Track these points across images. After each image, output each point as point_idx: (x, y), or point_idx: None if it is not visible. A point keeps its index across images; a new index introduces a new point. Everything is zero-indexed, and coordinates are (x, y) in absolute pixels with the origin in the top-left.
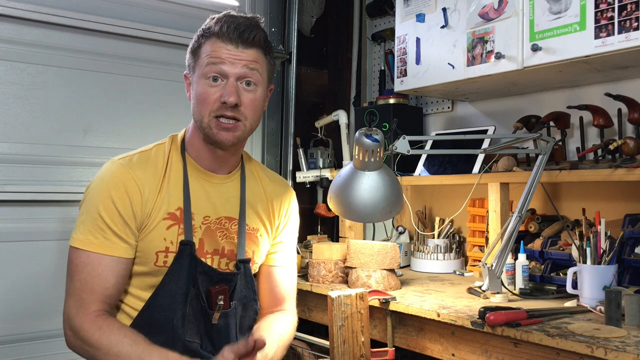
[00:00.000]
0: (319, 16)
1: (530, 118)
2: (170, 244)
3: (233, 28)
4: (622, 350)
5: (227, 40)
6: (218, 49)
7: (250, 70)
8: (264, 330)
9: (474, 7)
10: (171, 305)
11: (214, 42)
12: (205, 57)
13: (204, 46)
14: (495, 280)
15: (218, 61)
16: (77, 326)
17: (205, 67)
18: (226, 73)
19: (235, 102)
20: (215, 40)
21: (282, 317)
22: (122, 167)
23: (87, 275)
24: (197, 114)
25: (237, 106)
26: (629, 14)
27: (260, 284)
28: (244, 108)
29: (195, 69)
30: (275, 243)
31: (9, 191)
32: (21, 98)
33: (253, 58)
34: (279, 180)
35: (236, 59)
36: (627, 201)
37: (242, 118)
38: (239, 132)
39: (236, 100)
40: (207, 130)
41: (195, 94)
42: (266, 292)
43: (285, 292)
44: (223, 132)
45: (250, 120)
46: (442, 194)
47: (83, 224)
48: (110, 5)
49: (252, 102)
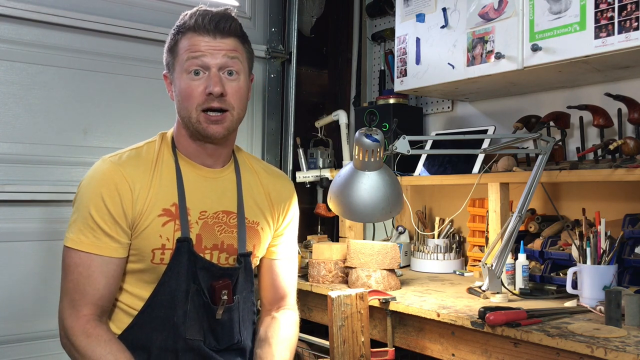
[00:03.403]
0: (319, 16)
1: (530, 118)
2: (166, 241)
3: (208, 20)
4: (622, 350)
5: (204, 33)
6: (196, 43)
7: (230, 59)
8: (275, 337)
9: (474, 7)
10: (172, 303)
11: (191, 37)
12: (184, 52)
13: (181, 42)
14: (495, 280)
15: (198, 54)
16: (67, 328)
17: (186, 62)
18: (207, 64)
19: (221, 92)
20: (191, 34)
21: (287, 318)
22: (112, 165)
23: (78, 276)
24: (184, 110)
25: (222, 96)
26: (629, 14)
27: (261, 277)
28: (230, 97)
29: (175, 66)
30: (277, 236)
31: (9, 191)
32: (21, 98)
33: (232, 47)
34: (276, 171)
35: (215, 50)
36: (627, 201)
37: (229, 108)
38: (228, 123)
39: (222, 89)
40: (197, 125)
41: (179, 90)
42: (268, 286)
43: (287, 287)
44: (213, 125)
45: (237, 110)
46: (442, 194)
47: (75, 223)
48: (110, 5)
49: (237, 91)
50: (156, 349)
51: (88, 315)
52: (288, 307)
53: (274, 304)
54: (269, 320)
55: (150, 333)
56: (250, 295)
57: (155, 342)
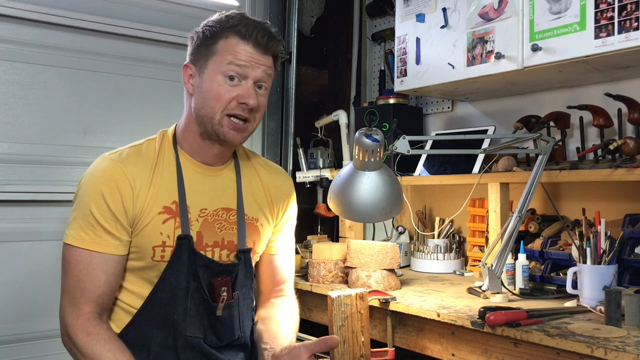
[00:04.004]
0: (319, 16)
1: (530, 118)
2: (167, 238)
3: (261, 34)
4: (622, 350)
5: (252, 43)
6: (241, 51)
7: (267, 75)
8: (277, 316)
9: (474, 7)
10: (172, 300)
11: (237, 42)
12: (226, 54)
13: (224, 42)
14: (495, 280)
15: (241, 63)
16: (68, 326)
17: (226, 65)
18: (247, 75)
19: (256, 105)
20: (238, 39)
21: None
22: (112, 162)
23: (79, 273)
24: (208, 109)
25: (252, 109)
26: (629, 14)
27: (261, 271)
28: (256, 111)
29: (208, 64)
30: (276, 231)
31: (9, 191)
32: (21, 98)
33: (270, 64)
34: (275, 167)
35: (258, 63)
36: (627, 201)
37: (252, 120)
38: (246, 133)
39: (257, 102)
40: (217, 127)
41: (208, 88)
42: (267, 278)
43: (285, 276)
44: (233, 132)
45: (257, 123)
46: (442, 194)
47: (75, 220)
48: (110, 5)
49: (263, 106)
50: (156, 347)
51: (88, 313)
52: (287, 295)
53: (272, 292)
54: (269, 305)
55: (150, 331)
56: (250, 291)
57: (156, 339)
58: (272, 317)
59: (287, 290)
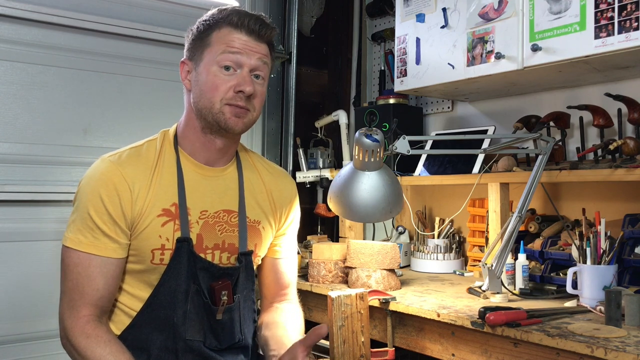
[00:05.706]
0: (319, 16)
1: (530, 118)
2: (166, 241)
3: (253, 21)
4: (622, 350)
5: (244, 31)
6: (234, 39)
7: (262, 63)
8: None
9: (474, 7)
10: (171, 303)
11: (230, 32)
12: (219, 44)
13: (217, 34)
14: (495, 280)
15: (235, 51)
16: (67, 328)
17: (220, 54)
18: (241, 63)
19: (252, 92)
20: (230, 29)
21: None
22: (111, 165)
23: (77, 276)
24: (206, 100)
25: (250, 96)
26: (629, 14)
27: (263, 275)
28: (254, 99)
29: (204, 56)
30: (279, 235)
31: (9, 191)
32: (21, 98)
33: (265, 52)
34: (278, 170)
35: (252, 51)
36: (627, 201)
37: (252, 109)
38: (247, 120)
39: (253, 89)
40: (218, 116)
41: (204, 80)
42: (271, 283)
43: (289, 280)
44: (234, 118)
45: (257, 112)
46: (442, 194)
47: (74, 223)
48: (110, 5)
49: (261, 95)
50: (156, 350)
51: (87, 316)
52: (291, 300)
53: (276, 297)
54: (273, 310)
55: (150, 333)
56: (251, 293)
57: (155, 342)
58: (278, 322)
59: (291, 294)
